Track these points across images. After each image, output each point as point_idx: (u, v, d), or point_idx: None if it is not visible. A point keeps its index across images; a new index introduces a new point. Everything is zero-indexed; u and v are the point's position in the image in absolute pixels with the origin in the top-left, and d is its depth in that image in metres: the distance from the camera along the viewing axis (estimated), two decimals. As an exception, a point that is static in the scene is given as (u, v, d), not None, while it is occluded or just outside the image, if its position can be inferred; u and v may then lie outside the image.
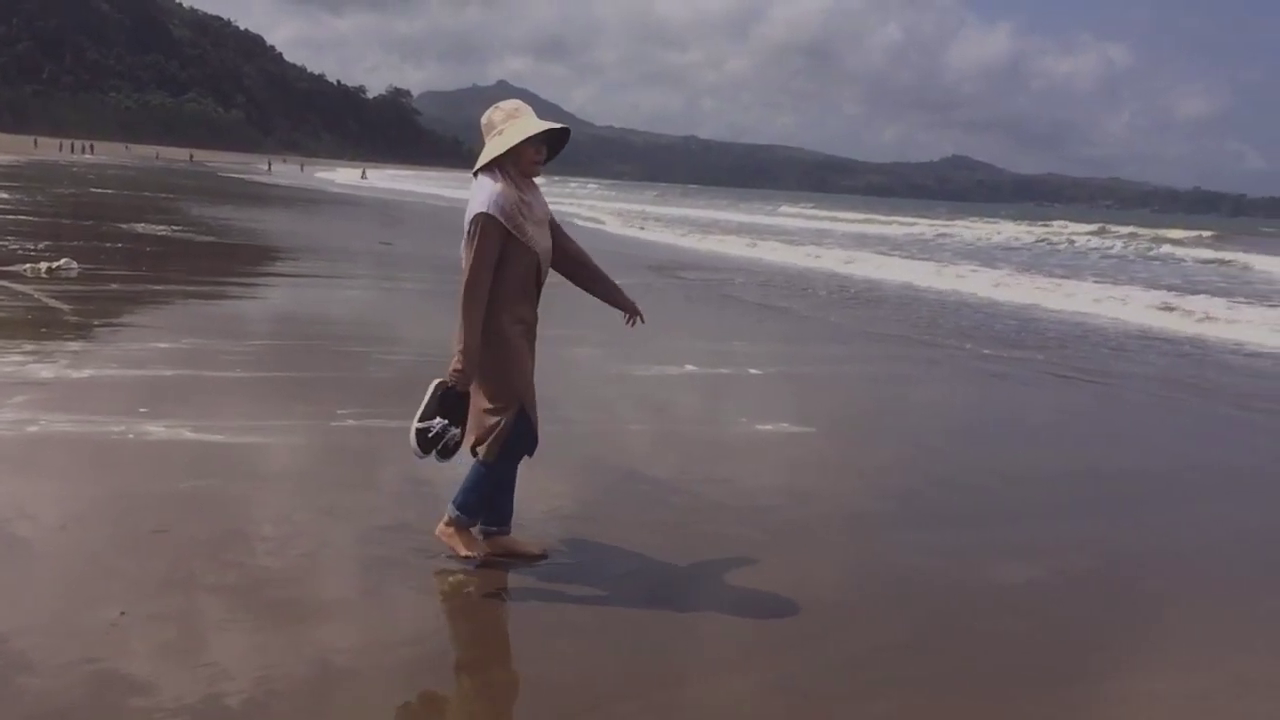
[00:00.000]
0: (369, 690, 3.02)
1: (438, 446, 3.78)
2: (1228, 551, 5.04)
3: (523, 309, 3.88)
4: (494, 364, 3.80)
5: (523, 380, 3.88)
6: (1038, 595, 4.22)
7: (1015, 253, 31.59)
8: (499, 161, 3.76)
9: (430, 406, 3.76)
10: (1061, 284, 18.86)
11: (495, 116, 3.84)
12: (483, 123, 3.88)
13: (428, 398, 3.78)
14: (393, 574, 3.89)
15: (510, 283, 3.78)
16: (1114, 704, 3.37)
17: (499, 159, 3.75)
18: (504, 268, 3.75)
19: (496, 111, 3.87)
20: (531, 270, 3.84)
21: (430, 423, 3.74)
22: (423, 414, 3.77)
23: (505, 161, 3.77)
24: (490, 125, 3.84)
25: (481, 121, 3.90)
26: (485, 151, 3.79)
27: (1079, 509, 5.53)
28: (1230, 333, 13.47)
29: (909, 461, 6.36)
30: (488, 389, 3.82)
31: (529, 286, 3.88)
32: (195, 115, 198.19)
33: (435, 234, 27.10)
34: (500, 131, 3.79)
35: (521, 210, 3.75)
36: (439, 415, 3.76)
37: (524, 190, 3.82)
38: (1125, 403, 8.91)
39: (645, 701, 3.08)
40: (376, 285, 13.92)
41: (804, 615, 3.82)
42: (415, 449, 3.79)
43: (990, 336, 12.31)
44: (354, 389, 6.99)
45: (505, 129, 3.78)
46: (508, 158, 3.76)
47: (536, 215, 3.85)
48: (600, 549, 4.29)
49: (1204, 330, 13.74)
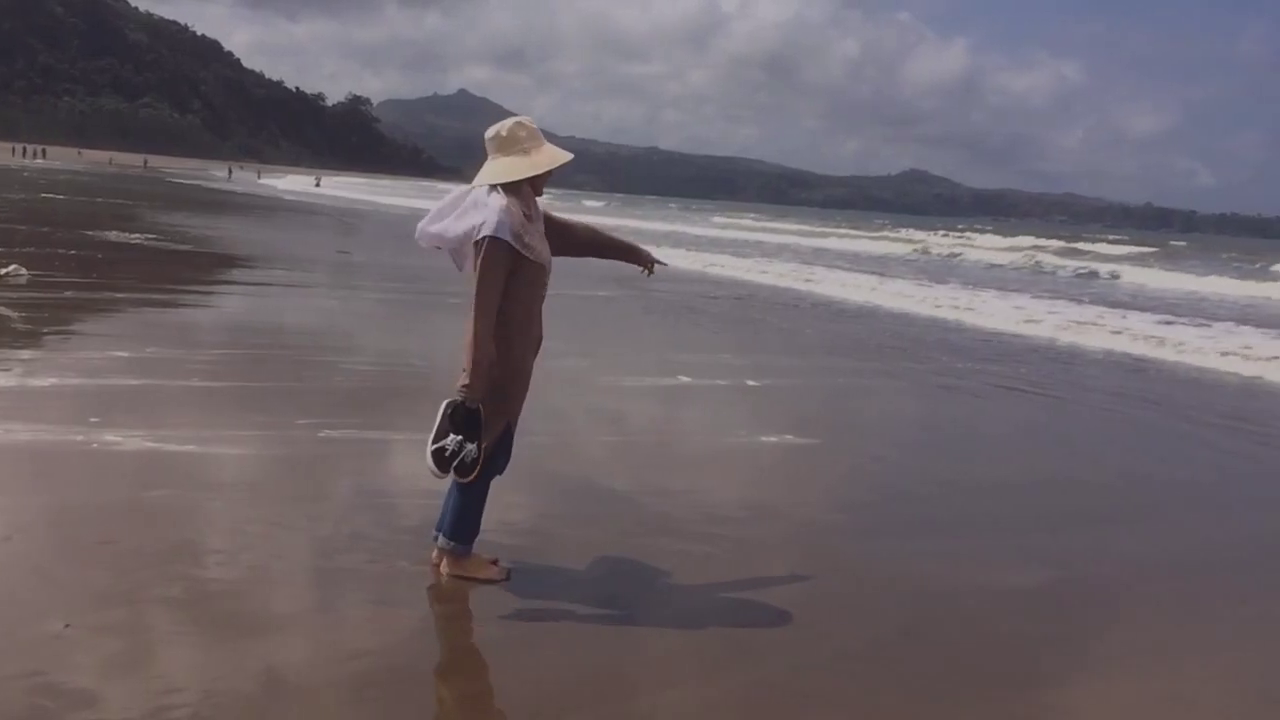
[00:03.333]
0: (318, 704, 3.00)
1: (454, 464, 3.72)
2: (1181, 561, 5.13)
3: (534, 327, 3.90)
4: (499, 385, 3.79)
5: (519, 403, 3.91)
6: (992, 606, 4.27)
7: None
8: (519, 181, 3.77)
9: (442, 426, 3.71)
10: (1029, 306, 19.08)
11: (519, 133, 3.82)
12: (500, 135, 3.82)
13: (439, 418, 3.72)
14: (344, 586, 3.86)
15: (522, 300, 3.80)
16: (1059, 714, 3.42)
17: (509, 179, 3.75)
18: (515, 285, 3.75)
19: (519, 127, 3.84)
20: (539, 282, 3.86)
21: (444, 442, 3.69)
22: (436, 435, 3.71)
23: (521, 180, 3.78)
24: (513, 140, 3.81)
25: (498, 133, 3.83)
26: (507, 168, 3.78)
27: (1036, 519, 5.60)
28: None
29: (866, 473, 6.42)
30: (485, 408, 3.78)
31: (537, 300, 3.89)
32: (150, 120, 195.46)
33: (393, 243, 26.98)
34: (526, 150, 3.80)
35: (526, 227, 3.75)
36: (451, 433, 3.70)
37: (528, 205, 3.83)
38: (1076, 415, 9.05)
39: (597, 713, 3.09)
40: (334, 294, 13.81)
41: (758, 626, 3.85)
42: (433, 469, 3.72)
43: (951, 352, 12.47)
44: (312, 399, 6.94)
45: (531, 149, 3.81)
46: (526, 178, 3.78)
47: (538, 226, 3.87)
48: (555, 561, 4.29)
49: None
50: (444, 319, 12.19)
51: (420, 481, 5.21)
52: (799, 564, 4.57)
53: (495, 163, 3.81)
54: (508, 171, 3.77)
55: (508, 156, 3.80)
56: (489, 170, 3.81)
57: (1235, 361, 12.44)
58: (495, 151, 3.82)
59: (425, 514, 4.64)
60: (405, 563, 4.10)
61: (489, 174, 3.80)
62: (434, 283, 16.03)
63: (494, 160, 3.82)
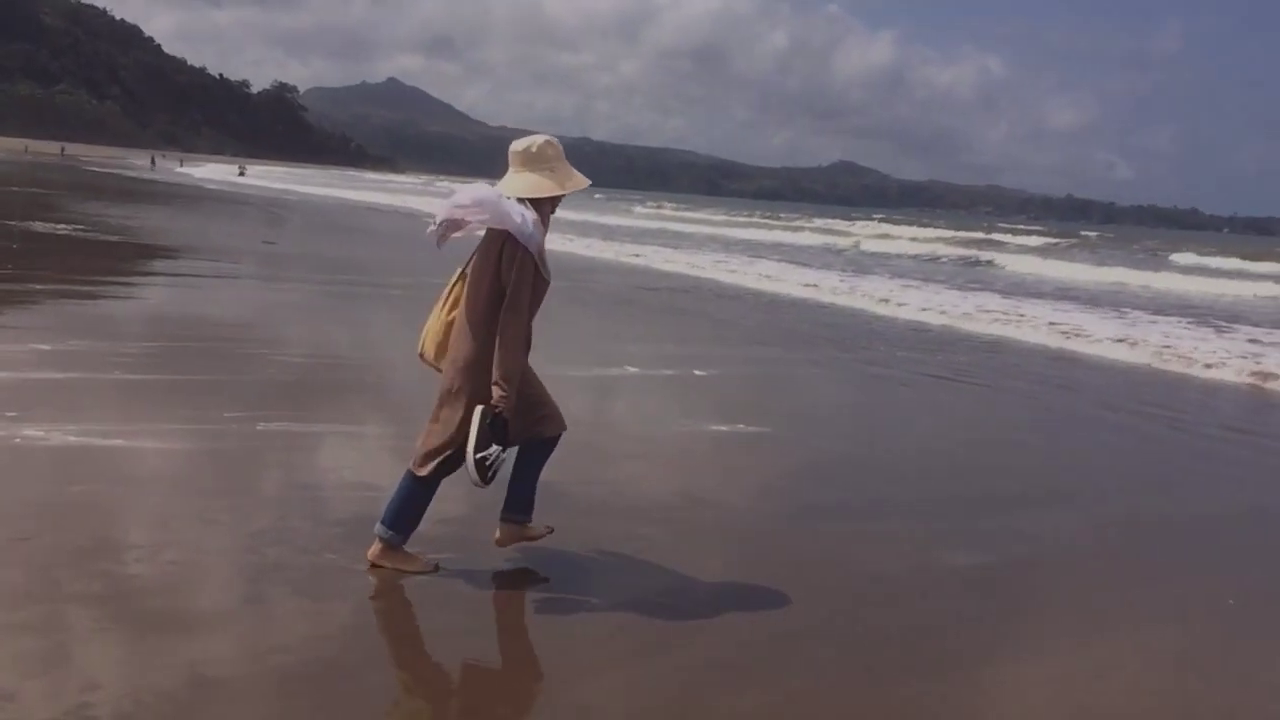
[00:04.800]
0: (244, 700, 2.96)
1: (489, 473, 3.69)
2: (1103, 542, 5.26)
3: (530, 336, 3.87)
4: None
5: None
6: (919, 588, 4.35)
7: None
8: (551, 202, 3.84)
9: (483, 436, 3.65)
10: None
11: (549, 151, 3.85)
12: (530, 151, 3.85)
13: (477, 427, 3.66)
14: (271, 580, 3.81)
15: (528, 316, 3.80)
16: (988, 689, 3.52)
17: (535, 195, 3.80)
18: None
19: (549, 146, 3.87)
20: (541, 299, 3.88)
21: (488, 451, 3.65)
22: (477, 444, 3.65)
23: (544, 199, 3.83)
24: (541, 158, 3.84)
25: (527, 149, 3.85)
26: (535, 184, 3.81)
27: (960, 503, 5.73)
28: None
29: (813, 459, 6.50)
30: (469, 408, 3.74)
31: (535, 313, 3.88)
32: (67, 107, 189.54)
33: (320, 233, 26.59)
34: (553, 170, 3.84)
35: (543, 246, 3.80)
36: (494, 443, 3.67)
37: (545, 224, 3.85)
38: (998, 402, 9.26)
39: (531, 701, 3.10)
40: (260, 285, 13.57)
41: (687, 611, 3.88)
42: (476, 480, 3.67)
43: (886, 342, 12.67)
44: (239, 392, 6.83)
45: (558, 169, 3.85)
46: (546, 197, 3.83)
47: (545, 247, 3.88)
48: (485, 551, 4.25)
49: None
50: (373, 310, 12.07)
51: (349, 474, 5.20)
52: (743, 547, 4.63)
53: (522, 177, 3.83)
54: (536, 187, 3.81)
55: (534, 173, 3.83)
56: (518, 183, 3.82)
57: (1123, 348, 12.77)
58: (521, 165, 3.85)
59: (355, 508, 4.62)
60: (334, 556, 4.06)
61: (520, 186, 3.81)
62: (362, 274, 15.86)
63: (519, 174, 3.84)
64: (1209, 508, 6.20)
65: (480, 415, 3.66)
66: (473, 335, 3.78)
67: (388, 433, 6.16)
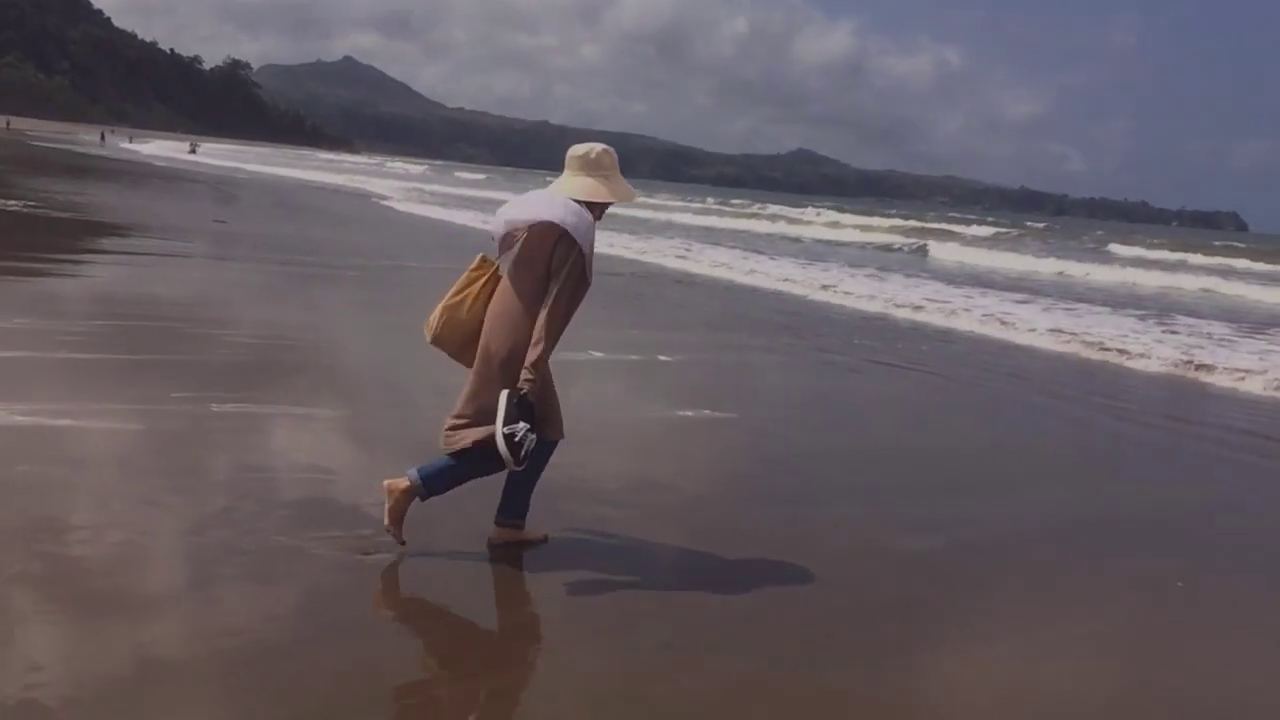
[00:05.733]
0: (186, 682, 2.93)
1: (521, 452, 3.75)
2: (1048, 529, 5.34)
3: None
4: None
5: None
6: (870, 572, 4.40)
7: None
8: (590, 201, 3.97)
9: (510, 412, 3.74)
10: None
11: (605, 160, 4.02)
12: (589, 157, 4.00)
13: (505, 405, 3.75)
14: (214, 563, 3.77)
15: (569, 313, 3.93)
16: (932, 672, 3.57)
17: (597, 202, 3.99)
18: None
19: (607, 155, 4.03)
20: (580, 298, 3.98)
21: (515, 427, 3.72)
22: (505, 419, 3.73)
23: (597, 204, 3.99)
24: (599, 165, 4.00)
25: (587, 154, 4.01)
26: (593, 188, 3.97)
27: (912, 489, 5.81)
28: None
29: (776, 443, 6.55)
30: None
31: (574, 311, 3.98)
32: (13, 80, 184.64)
33: (273, 212, 26.28)
34: (607, 178, 4.01)
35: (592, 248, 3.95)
36: (521, 421, 3.75)
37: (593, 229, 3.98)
38: (946, 390, 9.39)
39: (463, 686, 3.09)
40: (211, 265, 13.38)
41: (644, 593, 3.91)
42: (509, 458, 3.75)
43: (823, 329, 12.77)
44: (188, 372, 6.73)
45: (611, 178, 4.03)
46: (598, 202, 4.00)
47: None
48: (438, 535, 4.25)
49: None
50: (325, 291, 11.95)
51: (300, 457, 5.15)
52: (699, 532, 4.65)
53: (580, 180, 3.99)
54: (593, 192, 3.98)
55: (591, 178, 4.00)
56: (576, 185, 3.98)
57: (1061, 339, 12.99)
58: (580, 169, 4.01)
59: (305, 490, 4.60)
60: (283, 538, 4.02)
61: (578, 189, 3.97)
62: (314, 254, 15.70)
63: (577, 177, 4.00)
64: (1153, 495, 6.33)
65: (505, 398, 3.77)
66: (515, 328, 3.89)
67: (340, 415, 6.12)
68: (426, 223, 28.21)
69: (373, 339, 9.17)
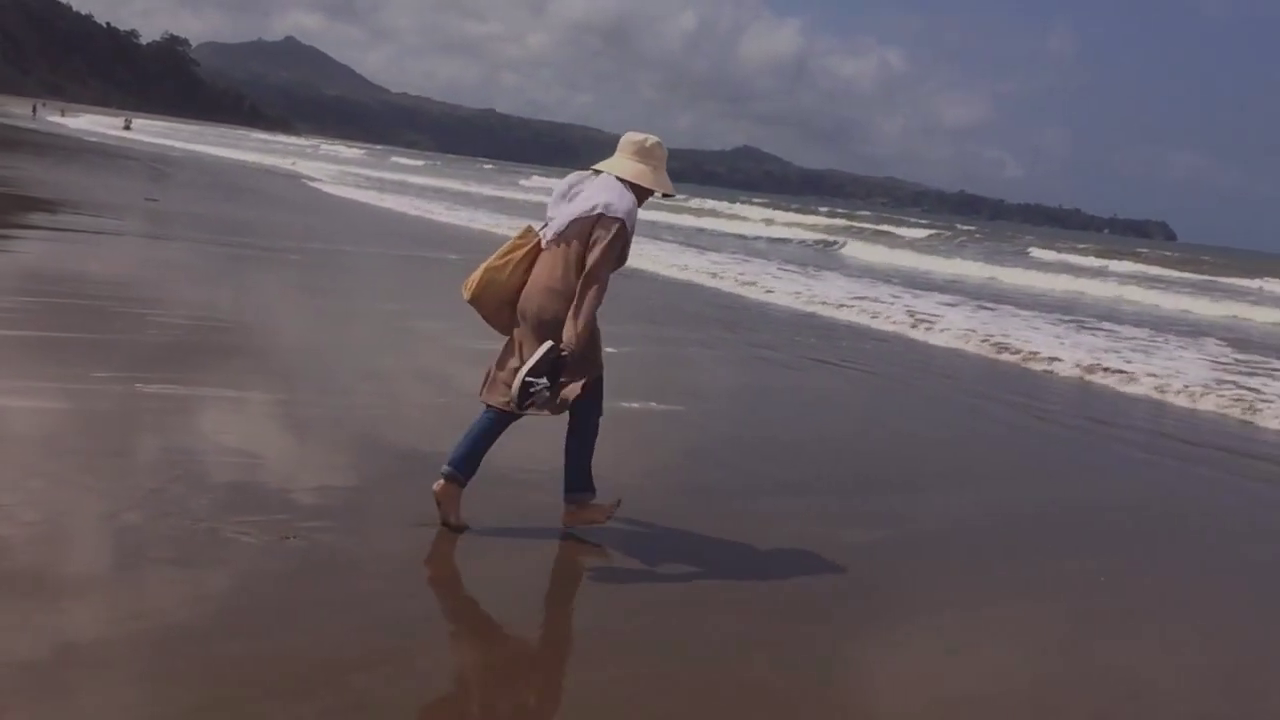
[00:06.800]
0: (105, 666, 2.90)
1: (527, 401, 3.93)
2: (977, 524, 5.47)
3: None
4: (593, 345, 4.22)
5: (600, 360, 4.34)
6: (800, 565, 4.46)
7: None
8: (637, 187, 4.20)
9: (541, 365, 3.91)
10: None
11: (658, 151, 4.28)
12: (644, 145, 4.25)
13: (540, 355, 3.92)
14: (136, 546, 3.72)
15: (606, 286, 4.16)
16: (853, 667, 3.65)
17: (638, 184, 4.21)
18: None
19: (659, 147, 4.29)
20: (612, 270, 4.19)
21: (538, 380, 3.88)
22: (532, 369, 3.91)
23: (642, 190, 4.22)
24: (651, 154, 4.26)
25: (642, 142, 4.26)
26: (643, 173, 4.22)
27: (845, 484, 5.91)
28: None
29: (720, 437, 6.62)
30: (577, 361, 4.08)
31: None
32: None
33: (208, 192, 25.80)
34: (655, 169, 4.26)
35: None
36: (546, 374, 3.91)
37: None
38: (878, 387, 9.58)
39: (381, 672, 3.09)
40: (142, 243, 13.12)
41: (570, 581, 3.95)
42: (514, 398, 3.93)
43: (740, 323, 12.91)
44: (114, 351, 6.61)
45: (658, 170, 4.27)
46: (644, 190, 4.24)
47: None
48: (351, 522, 4.23)
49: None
50: (258, 272, 11.80)
51: (225, 439, 5.10)
52: (630, 522, 4.67)
53: (631, 163, 4.23)
54: (641, 176, 4.22)
55: (642, 164, 4.24)
56: (628, 166, 4.22)
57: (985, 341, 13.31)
58: (633, 155, 4.25)
59: (232, 474, 4.56)
60: (208, 522, 3.97)
61: (629, 170, 4.21)
62: (247, 235, 15.47)
63: (628, 160, 4.24)
64: (1078, 492, 6.53)
65: (545, 349, 3.94)
66: (554, 296, 4.07)
67: (271, 398, 6.07)
68: (357, 206, 27.85)
69: (306, 323, 9.08)
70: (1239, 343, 16.16)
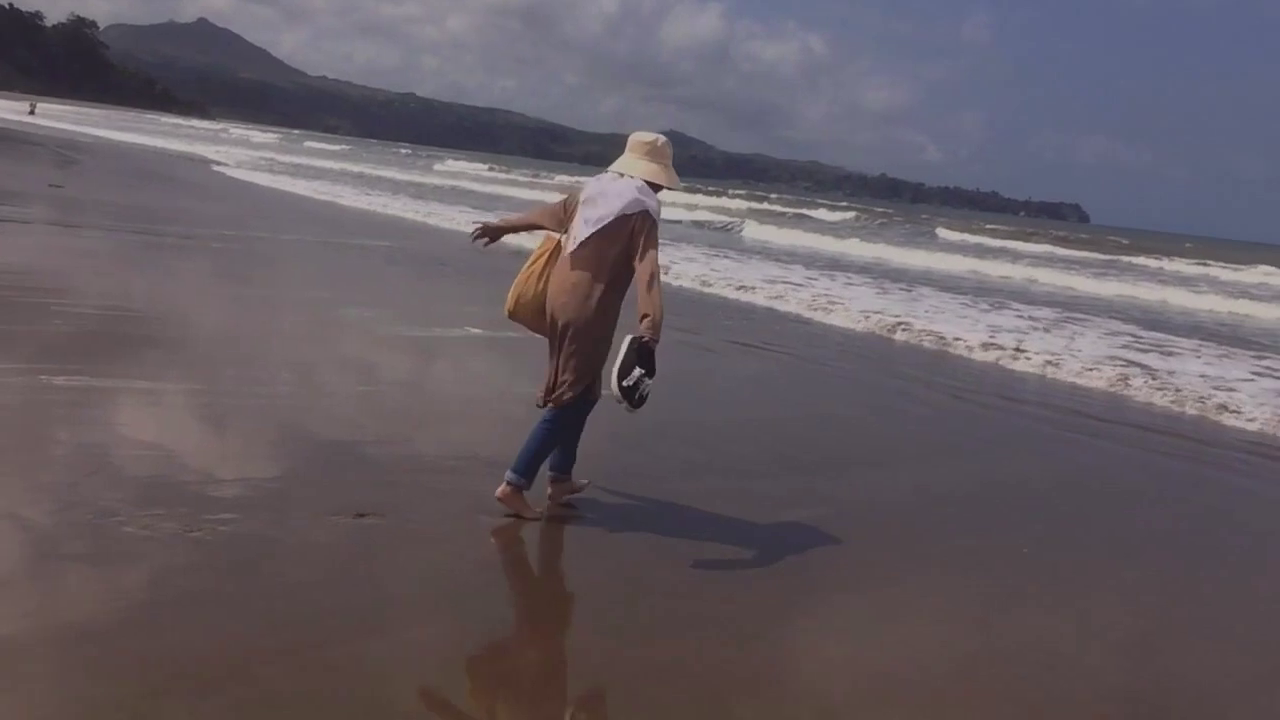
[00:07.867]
0: (14, 664, 2.84)
1: (635, 396, 4.03)
2: (908, 502, 5.57)
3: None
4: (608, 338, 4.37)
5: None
6: (728, 542, 4.49)
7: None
8: (655, 186, 4.39)
9: (629, 359, 4.04)
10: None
11: (666, 150, 4.48)
12: (655, 145, 4.44)
13: (625, 352, 4.06)
14: (43, 542, 3.63)
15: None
16: (781, 642, 3.70)
17: (655, 184, 4.40)
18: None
19: (668, 146, 4.50)
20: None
21: (632, 375, 4.00)
22: (621, 369, 4.04)
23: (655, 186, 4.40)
24: (662, 154, 4.46)
25: (653, 142, 4.45)
26: (659, 172, 4.42)
27: (773, 466, 5.97)
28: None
29: (651, 421, 6.61)
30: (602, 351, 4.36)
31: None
32: None
33: (115, 178, 25.07)
34: (665, 166, 4.46)
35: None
36: (639, 368, 4.03)
37: None
38: (801, 370, 9.70)
39: (287, 664, 3.06)
40: (47, 231, 12.69)
41: (473, 570, 3.94)
42: (623, 402, 4.08)
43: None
44: (18, 343, 6.41)
45: (669, 167, 4.48)
46: (660, 188, 4.42)
47: None
48: (268, 515, 4.17)
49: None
50: (169, 261, 11.51)
51: (141, 433, 4.98)
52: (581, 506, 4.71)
53: (645, 163, 4.41)
54: (658, 175, 4.42)
55: (655, 163, 4.43)
56: (643, 167, 4.40)
57: (901, 325, 13.62)
58: (644, 154, 4.43)
59: (145, 469, 4.47)
60: (119, 518, 3.89)
61: (645, 170, 4.40)
62: (159, 222, 15.08)
63: (641, 160, 4.42)
64: (999, 469, 6.73)
65: (628, 343, 4.08)
66: (586, 295, 4.26)
67: (186, 389, 5.93)
68: (268, 192, 27.21)
69: (221, 312, 8.88)
70: (1142, 321, 16.73)
